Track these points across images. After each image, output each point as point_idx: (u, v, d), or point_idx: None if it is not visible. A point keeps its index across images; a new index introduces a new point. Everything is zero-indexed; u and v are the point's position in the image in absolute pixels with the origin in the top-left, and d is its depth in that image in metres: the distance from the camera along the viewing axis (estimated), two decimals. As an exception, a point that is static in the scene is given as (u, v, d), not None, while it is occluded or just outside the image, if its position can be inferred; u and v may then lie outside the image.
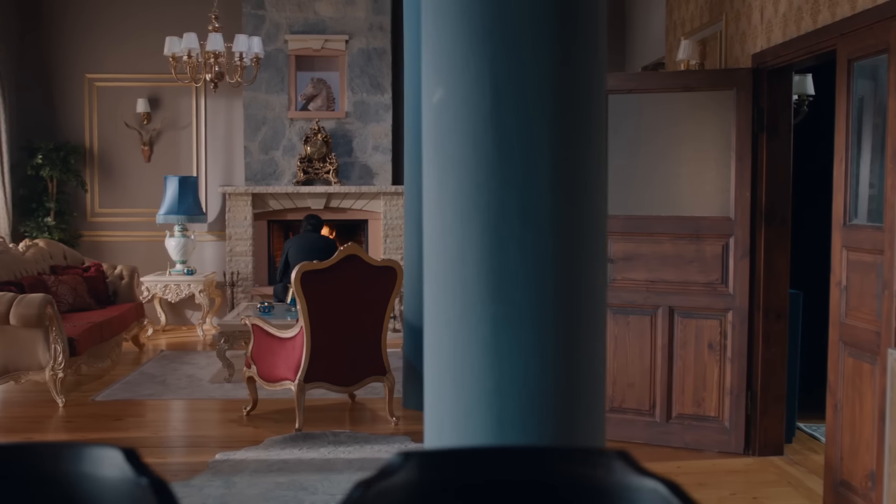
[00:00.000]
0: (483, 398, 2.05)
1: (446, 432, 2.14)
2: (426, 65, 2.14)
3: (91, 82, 9.53)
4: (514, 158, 2.00)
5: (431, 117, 2.12)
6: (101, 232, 9.60)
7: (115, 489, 1.30)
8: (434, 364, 2.17)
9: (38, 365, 6.41)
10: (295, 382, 5.72)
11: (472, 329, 2.05)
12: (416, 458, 1.29)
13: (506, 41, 1.99)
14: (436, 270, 2.12)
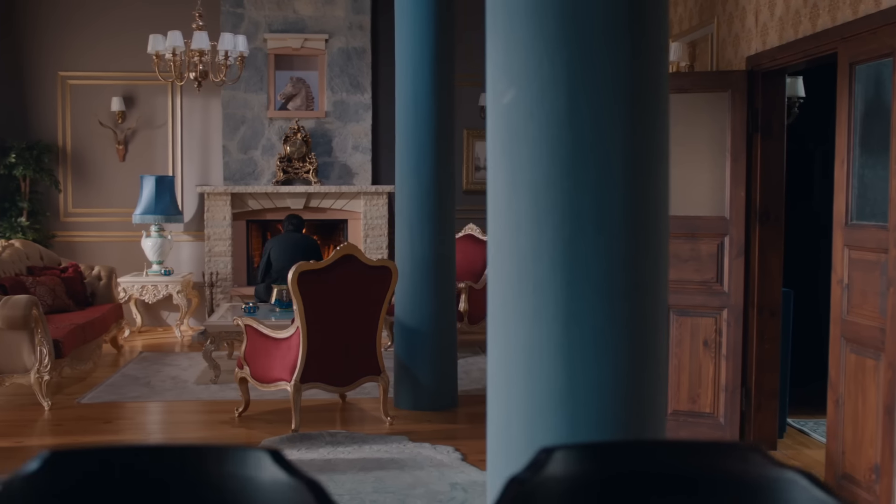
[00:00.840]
0: (555, 395, 2.08)
1: (515, 429, 2.16)
2: (494, 67, 2.16)
3: (64, 80, 9.38)
4: (588, 158, 2.04)
5: (501, 118, 2.14)
6: (75, 232, 9.45)
7: (270, 491, 1.31)
8: (502, 361, 2.20)
9: (23, 367, 6.30)
10: (291, 383, 5.70)
11: (545, 327, 2.08)
12: (562, 453, 1.31)
13: (581, 44, 2.02)
14: (507, 269, 2.15)
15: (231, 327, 7.05)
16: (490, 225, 2.26)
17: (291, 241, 8.02)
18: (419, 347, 6.31)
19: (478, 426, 6.07)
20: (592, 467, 1.28)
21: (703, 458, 1.28)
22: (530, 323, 2.10)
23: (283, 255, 7.99)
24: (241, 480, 1.35)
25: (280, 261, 8.00)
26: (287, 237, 8.02)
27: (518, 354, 2.14)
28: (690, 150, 5.41)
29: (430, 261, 6.28)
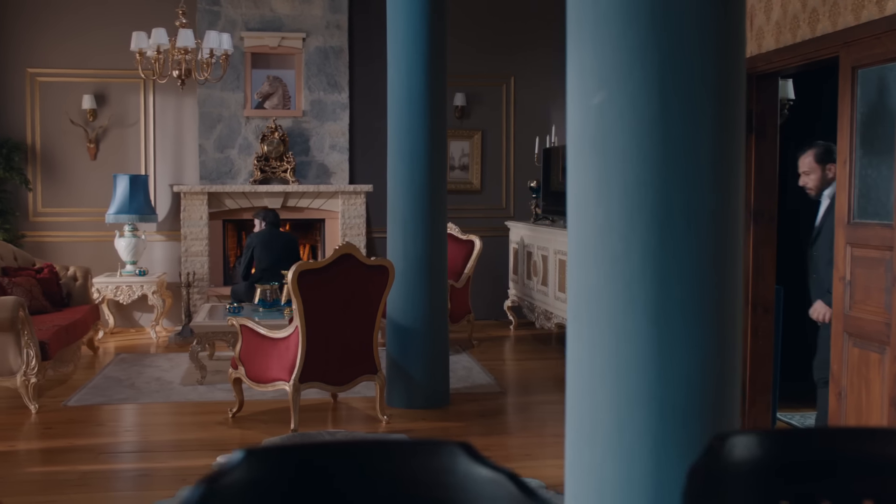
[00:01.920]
0: (645, 389, 2.15)
1: (603, 421, 2.22)
2: (581, 69, 2.22)
3: (33, 77, 9.20)
4: (679, 158, 2.10)
5: (590, 118, 2.19)
6: (44, 232, 9.27)
7: (480, 486, 1.35)
8: (588, 355, 2.25)
9: (9, 370, 6.18)
10: (290, 383, 5.69)
11: (635, 323, 2.14)
12: (738, 440, 1.36)
13: (672, 46, 2.08)
14: (596, 266, 2.20)
15: (218, 327, 7.00)
16: (575, 222, 2.31)
17: (274, 237, 7.98)
18: (412, 346, 6.34)
19: (473, 423, 6.13)
20: (769, 453, 1.34)
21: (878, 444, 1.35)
22: (621, 318, 2.16)
23: (269, 253, 7.95)
24: (436, 473, 1.38)
25: (264, 259, 7.95)
26: (270, 234, 7.97)
27: (607, 348, 2.20)
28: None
29: (424, 260, 6.31)
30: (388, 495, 1.41)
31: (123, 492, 4.78)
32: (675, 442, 2.17)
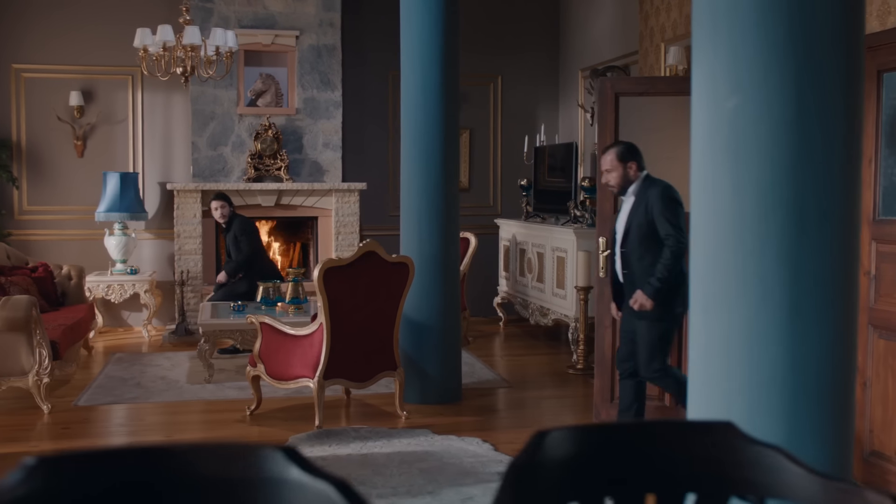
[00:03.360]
0: (778, 377, 2.27)
1: (736, 407, 2.34)
2: (714, 75, 2.33)
3: (18, 73, 9.05)
4: (812, 159, 2.23)
5: (723, 121, 2.31)
6: (31, 230, 9.13)
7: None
8: (721, 347, 2.37)
9: (21, 370, 6.11)
10: (315, 379, 5.73)
11: (769, 315, 2.27)
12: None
13: (807, 52, 2.21)
14: (730, 263, 2.32)
15: (226, 325, 7.00)
16: (704, 220, 2.42)
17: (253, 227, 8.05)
18: (427, 342, 6.41)
19: (489, 418, 6.23)
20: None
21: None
22: (755, 311, 2.29)
23: (259, 243, 8.02)
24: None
25: (259, 252, 7.97)
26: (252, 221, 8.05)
27: (741, 339, 2.32)
28: (702, 149, 5.70)
29: (438, 257, 6.39)
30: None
31: (163, 490, 4.77)
32: (807, 427, 2.30)
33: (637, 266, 5.01)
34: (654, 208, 4.90)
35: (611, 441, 1.45)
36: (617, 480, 1.43)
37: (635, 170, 5.05)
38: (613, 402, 5.89)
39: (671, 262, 4.85)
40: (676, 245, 4.83)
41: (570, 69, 9.90)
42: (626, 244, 5.08)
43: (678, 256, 4.84)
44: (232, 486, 1.27)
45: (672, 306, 4.97)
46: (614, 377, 5.89)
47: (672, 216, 4.88)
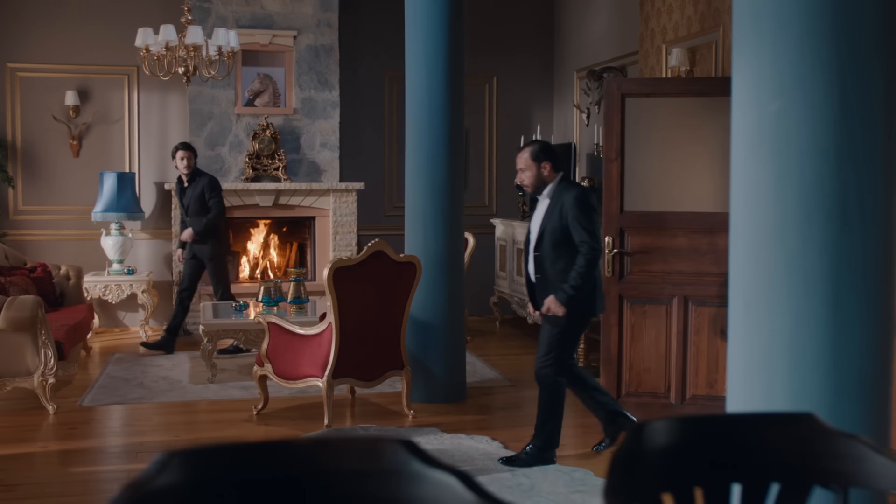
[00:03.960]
0: (821, 369, 2.34)
1: (778, 399, 2.40)
2: (757, 79, 2.40)
3: (13, 72, 9.00)
4: (855, 161, 2.30)
5: (766, 123, 2.37)
6: (25, 231, 9.08)
7: None
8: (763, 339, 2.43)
9: (26, 370, 6.09)
10: (324, 379, 5.75)
11: (812, 310, 2.33)
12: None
13: (851, 59, 2.28)
14: (774, 259, 2.39)
15: (229, 325, 7.01)
16: (745, 218, 2.48)
17: None
18: (432, 341, 6.45)
19: (495, 416, 6.28)
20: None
21: None
22: (797, 306, 2.35)
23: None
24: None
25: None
26: None
27: (783, 335, 2.38)
28: (708, 149, 5.77)
29: (444, 257, 6.43)
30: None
31: (178, 489, 4.78)
32: (847, 418, 2.36)
33: (550, 270, 4.94)
34: (569, 213, 4.83)
35: (702, 433, 1.49)
36: (706, 471, 1.48)
37: (549, 170, 4.99)
38: (620, 399, 5.95)
39: (585, 270, 4.79)
40: (591, 252, 4.78)
41: (564, 70, 9.96)
42: (540, 248, 4.99)
43: (592, 264, 4.80)
44: (357, 478, 1.30)
45: (582, 310, 4.94)
46: (621, 374, 5.96)
47: (587, 222, 4.81)
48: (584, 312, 4.98)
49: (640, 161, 5.82)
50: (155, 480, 1.19)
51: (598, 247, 4.82)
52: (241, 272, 9.30)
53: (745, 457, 1.51)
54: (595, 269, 4.89)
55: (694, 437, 1.49)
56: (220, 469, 1.25)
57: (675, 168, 5.86)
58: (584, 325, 5.10)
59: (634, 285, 5.87)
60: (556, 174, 5.02)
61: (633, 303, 5.88)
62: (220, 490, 1.23)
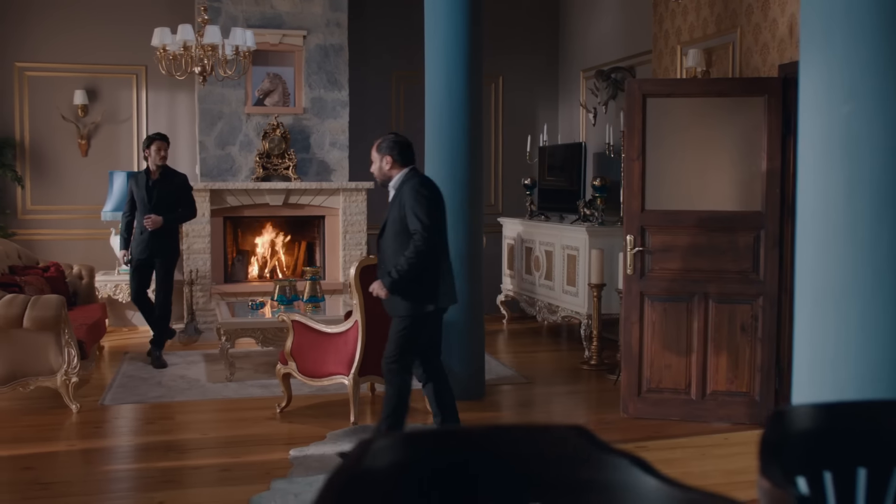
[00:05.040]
0: (889, 363, 2.42)
1: (847, 390, 2.48)
2: (828, 82, 2.48)
3: (22, 72, 8.98)
4: (926, 160, 2.38)
5: (837, 125, 2.46)
6: (34, 230, 9.07)
7: None
8: (831, 333, 2.51)
9: (49, 370, 6.10)
10: (350, 376, 5.79)
11: (882, 305, 2.41)
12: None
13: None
14: (844, 256, 2.46)
15: (247, 324, 7.04)
16: (816, 216, 2.56)
17: None
18: (452, 339, 6.49)
19: (516, 412, 6.35)
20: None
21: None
22: (867, 302, 2.43)
23: None
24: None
25: None
26: None
27: (852, 330, 2.46)
28: (727, 149, 5.86)
29: (464, 256, 6.48)
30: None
31: (214, 487, 4.81)
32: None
33: (391, 260, 4.98)
34: (406, 203, 4.90)
35: (835, 419, 1.56)
36: (839, 455, 1.54)
37: (391, 164, 5.04)
38: (641, 395, 6.03)
39: (413, 258, 4.83)
40: (422, 241, 4.83)
41: (569, 70, 10.04)
42: (382, 238, 5.08)
43: (421, 253, 4.83)
44: (539, 463, 1.36)
45: (422, 304, 4.99)
46: (642, 371, 6.03)
47: (421, 212, 4.84)
48: (426, 307, 4.99)
49: (661, 159, 5.89)
50: (360, 465, 1.24)
51: (431, 237, 4.85)
52: (251, 271, 9.31)
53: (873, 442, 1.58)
54: (432, 260, 4.91)
55: (828, 424, 1.55)
56: (421, 453, 1.30)
57: (694, 167, 5.94)
58: (426, 320, 5.07)
59: (655, 283, 5.95)
60: (401, 168, 5.06)
61: (653, 300, 5.96)
62: (421, 472, 1.28)
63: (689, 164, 5.94)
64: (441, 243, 5.04)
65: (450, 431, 1.37)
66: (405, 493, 1.22)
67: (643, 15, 8.23)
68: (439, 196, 5.06)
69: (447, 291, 5.09)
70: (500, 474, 1.31)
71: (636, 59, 8.42)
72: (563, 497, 1.31)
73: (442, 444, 1.31)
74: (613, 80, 8.63)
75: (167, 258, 7.52)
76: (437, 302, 5.04)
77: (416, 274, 4.88)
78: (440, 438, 1.33)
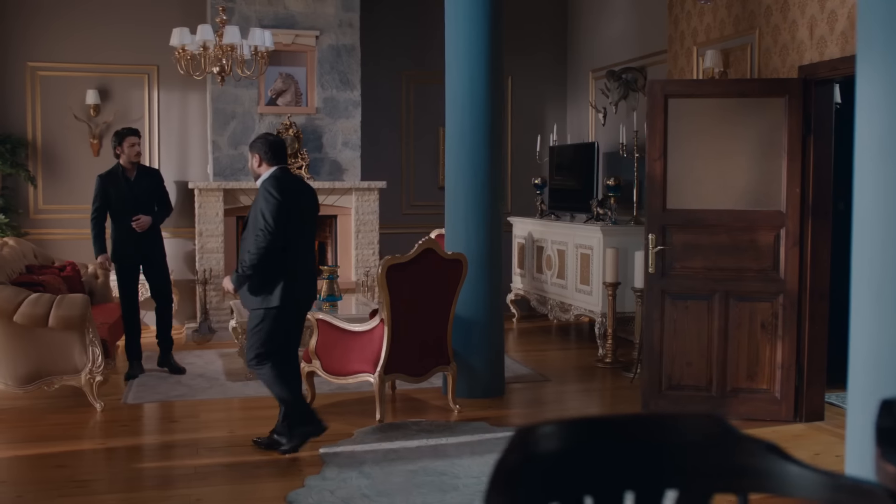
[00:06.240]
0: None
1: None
2: (886, 84, 2.54)
3: (34, 71, 8.98)
4: None
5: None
6: (46, 230, 9.08)
7: None
8: (889, 329, 2.58)
9: (74, 368, 6.13)
10: (375, 375, 5.84)
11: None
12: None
13: None
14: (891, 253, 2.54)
15: (267, 323, 7.07)
16: (874, 216, 2.62)
17: None
18: (473, 337, 6.55)
19: (538, 410, 6.41)
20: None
21: None
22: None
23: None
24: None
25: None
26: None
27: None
28: (748, 149, 5.93)
29: (485, 254, 6.54)
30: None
31: (249, 484, 4.85)
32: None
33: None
34: (258, 202, 5.09)
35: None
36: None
37: (258, 162, 5.20)
38: (662, 392, 6.10)
39: (253, 255, 4.98)
40: (262, 239, 4.97)
41: (578, 70, 10.10)
42: (243, 233, 5.24)
43: (261, 250, 4.96)
44: (691, 448, 1.42)
45: (267, 300, 5.09)
46: (663, 368, 6.10)
47: (266, 212, 5.00)
48: (270, 303, 5.10)
49: (683, 159, 5.96)
50: (525, 451, 1.29)
51: (271, 236, 4.97)
52: (262, 270, 9.34)
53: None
54: (277, 258, 5.03)
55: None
56: (583, 439, 1.35)
57: (714, 167, 6.00)
58: (279, 316, 5.14)
59: (677, 281, 6.02)
60: (269, 166, 5.20)
61: (675, 298, 6.03)
62: (580, 458, 1.34)
63: (709, 163, 6.01)
64: (293, 242, 5.14)
65: (604, 420, 1.41)
66: (567, 479, 1.28)
67: (654, 16, 8.30)
68: (292, 197, 5.15)
69: (296, 289, 5.18)
70: (642, 461, 1.37)
71: (647, 60, 8.50)
72: (698, 482, 1.37)
73: (598, 432, 1.37)
74: (625, 81, 8.70)
75: (161, 260, 7.28)
76: (283, 299, 5.12)
77: (258, 270, 5.01)
78: (596, 426, 1.38)
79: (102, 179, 7.07)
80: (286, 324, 5.22)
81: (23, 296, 6.02)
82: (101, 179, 7.07)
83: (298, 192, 5.26)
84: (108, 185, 7.02)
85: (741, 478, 1.37)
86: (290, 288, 5.13)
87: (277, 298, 5.08)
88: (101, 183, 7.05)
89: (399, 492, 4.64)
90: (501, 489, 1.18)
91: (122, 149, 7.03)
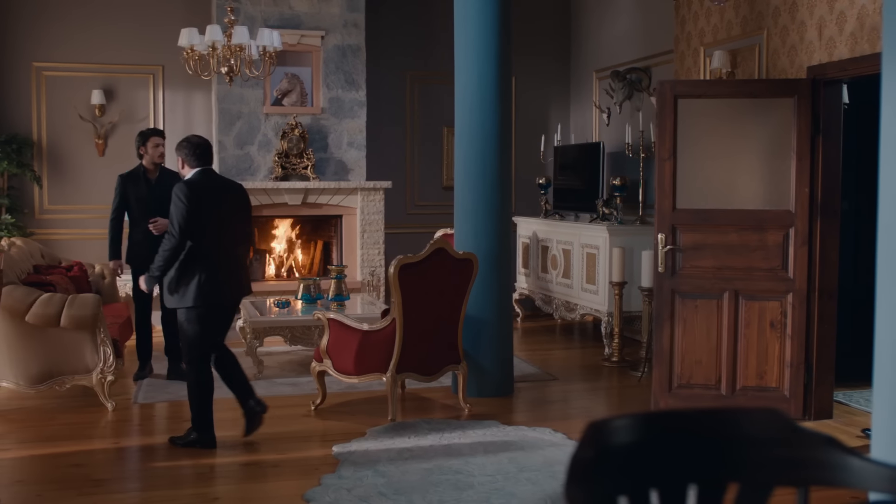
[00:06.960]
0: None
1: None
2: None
3: (39, 71, 8.99)
4: None
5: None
6: (51, 230, 9.09)
7: None
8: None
9: (85, 368, 6.14)
10: (388, 374, 5.86)
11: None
12: None
13: None
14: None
15: (276, 322, 7.10)
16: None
17: None
18: (483, 336, 6.58)
19: (548, 408, 6.44)
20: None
21: None
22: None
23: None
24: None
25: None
26: None
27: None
28: (758, 149, 5.96)
29: (494, 254, 6.57)
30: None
31: (265, 483, 4.87)
32: None
33: None
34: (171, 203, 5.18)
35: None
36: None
37: (181, 163, 5.33)
38: (672, 391, 6.14)
39: (160, 257, 5.10)
40: (169, 242, 5.08)
41: (581, 71, 10.14)
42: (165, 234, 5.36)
43: (168, 250, 5.07)
44: (739, 444, 1.45)
45: (185, 300, 5.18)
46: (673, 366, 6.14)
47: (175, 214, 5.09)
48: (187, 303, 5.18)
49: (693, 159, 6.00)
50: (599, 445, 1.32)
51: (175, 240, 5.07)
52: (268, 271, 9.36)
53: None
54: (191, 259, 5.11)
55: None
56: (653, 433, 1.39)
57: (723, 167, 6.04)
58: (202, 316, 5.20)
59: (686, 280, 6.05)
60: (191, 168, 5.30)
61: (684, 297, 6.06)
62: (651, 452, 1.37)
63: (718, 163, 6.04)
64: (210, 244, 5.18)
65: (673, 414, 1.44)
66: (636, 472, 1.31)
67: (659, 16, 8.34)
68: (210, 199, 5.19)
69: (215, 290, 5.21)
70: (706, 455, 1.40)
71: (652, 60, 8.54)
72: (760, 475, 1.40)
73: (667, 427, 1.40)
74: (629, 81, 8.74)
75: None
76: (197, 299, 5.18)
77: (167, 270, 5.13)
78: (666, 420, 1.41)
79: (123, 179, 6.94)
80: (211, 324, 5.27)
81: (34, 296, 6.03)
82: (122, 179, 6.94)
83: (219, 193, 5.29)
84: (129, 186, 6.91)
85: (802, 470, 1.40)
86: (206, 289, 5.18)
87: (191, 299, 5.15)
88: (122, 183, 6.92)
89: (415, 490, 4.67)
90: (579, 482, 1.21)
91: (146, 149, 6.95)
